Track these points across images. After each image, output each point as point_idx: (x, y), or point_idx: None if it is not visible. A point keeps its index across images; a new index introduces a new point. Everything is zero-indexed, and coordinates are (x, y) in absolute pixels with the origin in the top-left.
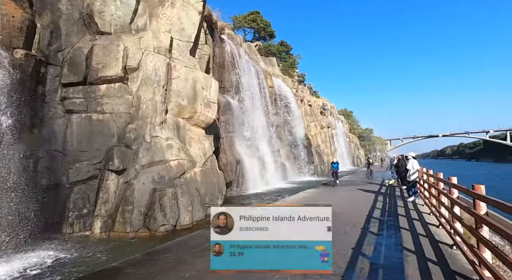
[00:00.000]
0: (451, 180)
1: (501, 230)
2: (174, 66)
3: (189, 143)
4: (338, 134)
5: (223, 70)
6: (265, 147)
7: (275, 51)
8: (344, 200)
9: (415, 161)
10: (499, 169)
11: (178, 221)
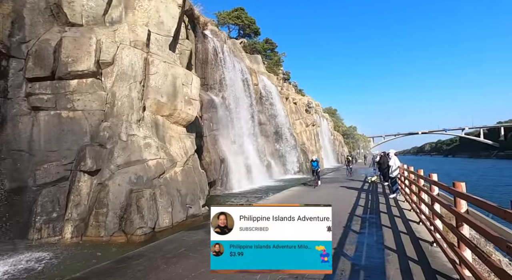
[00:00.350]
0: (432, 177)
1: (481, 229)
2: (152, 61)
3: (169, 142)
4: (323, 132)
5: (206, 66)
6: (250, 145)
7: (260, 49)
8: (327, 198)
9: (396, 157)
10: (474, 165)
11: (157, 223)
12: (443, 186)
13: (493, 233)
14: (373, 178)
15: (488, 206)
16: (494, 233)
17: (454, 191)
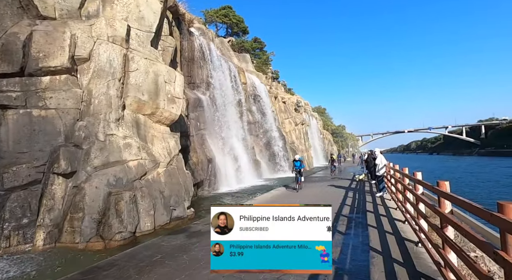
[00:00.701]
0: (416, 175)
1: (466, 231)
2: (132, 57)
3: (151, 142)
4: (312, 131)
5: (193, 65)
6: (239, 144)
7: (249, 48)
8: (314, 197)
9: (382, 156)
10: (457, 162)
11: (138, 227)
12: (427, 186)
13: (479, 238)
14: (360, 177)
15: (473, 208)
16: (480, 237)
17: (438, 190)
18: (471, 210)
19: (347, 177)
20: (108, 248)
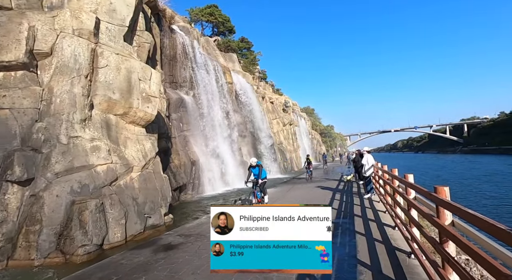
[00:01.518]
0: (407, 178)
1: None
2: (102, 52)
3: (124, 144)
4: (301, 131)
5: (175, 63)
6: (225, 146)
7: (235, 47)
8: (301, 200)
9: (369, 155)
10: (441, 160)
11: (106, 238)
12: (421, 191)
13: (491, 261)
14: (348, 177)
15: (484, 223)
16: (492, 261)
17: (436, 198)
18: (482, 226)
19: (334, 177)
20: (69, 264)
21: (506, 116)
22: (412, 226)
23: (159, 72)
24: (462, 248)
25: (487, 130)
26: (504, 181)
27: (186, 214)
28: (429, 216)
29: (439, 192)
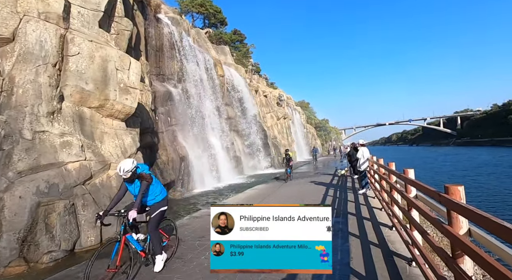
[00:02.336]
0: (407, 173)
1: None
2: (73, 39)
3: (100, 139)
4: (295, 125)
5: (162, 55)
6: (217, 140)
7: (228, 40)
8: (291, 197)
9: (365, 148)
10: (434, 153)
11: (77, 243)
12: (427, 190)
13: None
14: (342, 171)
15: None
16: None
17: (449, 201)
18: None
19: (329, 172)
20: (33, 272)
21: (499, 108)
22: (413, 229)
23: (144, 63)
24: (482, 266)
25: (480, 122)
26: (497, 172)
27: (174, 212)
28: (436, 222)
29: (452, 192)
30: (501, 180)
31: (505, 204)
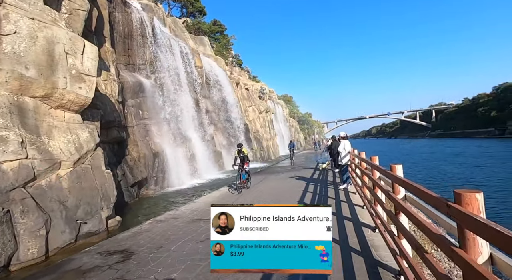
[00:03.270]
0: (395, 170)
1: None
2: (7, 15)
3: (47, 134)
4: (278, 119)
5: (131, 42)
6: (195, 135)
7: (207, 30)
8: (269, 194)
9: (346, 141)
10: (407, 144)
11: (14, 256)
12: (431, 198)
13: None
14: (323, 165)
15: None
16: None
17: (459, 212)
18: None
19: (310, 166)
20: None
21: (469, 102)
22: (401, 237)
23: (109, 50)
24: None
25: (452, 115)
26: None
27: (142, 213)
28: (443, 242)
29: (466, 202)
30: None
31: None
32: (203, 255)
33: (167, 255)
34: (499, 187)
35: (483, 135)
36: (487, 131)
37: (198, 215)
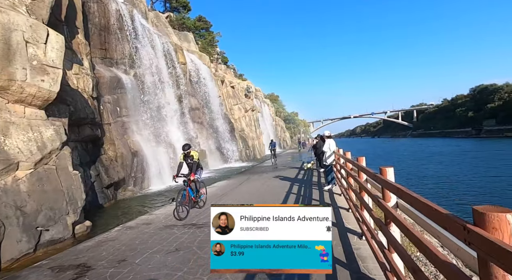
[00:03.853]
0: (385, 174)
1: None
2: None
3: (3, 132)
4: (264, 118)
5: (108, 35)
6: (178, 133)
7: (191, 26)
8: (250, 195)
9: (331, 140)
10: (392, 143)
11: None
12: (424, 206)
13: None
14: (308, 165)
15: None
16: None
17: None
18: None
19: (295, 165)
20: None
21: (448, 103)
22: (392, 251)
23: (82, 42)
24: None
25: (432, 115)
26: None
27: (117, 217)
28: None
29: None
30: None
31: None
32: (171, 270)
33: (129, 270)
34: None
35: (461, 135)
36: (465, 131)
37: (172, 220)
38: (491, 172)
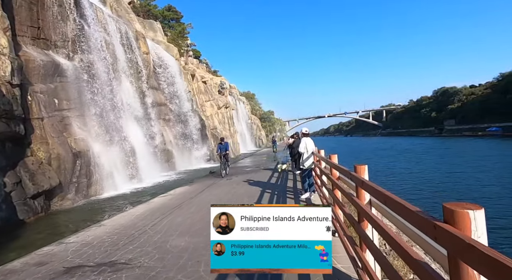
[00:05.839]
0: (360, 172)
1: None
2: None
3: None
4: (239, 116)
5: (44, 11)
6: (137, 131)
7: (159, 15)
8: (207, 211)
9: (308, 139)
10: (363, 141)
11: None
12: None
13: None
14: (283, 166)
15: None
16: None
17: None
18: None
19: (269, 166)
20: None
21: (414, 103)
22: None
23: None
24: None
25: (400, 115)
26: None
27: (37, 238)
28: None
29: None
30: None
31: None
32: None
33: None
34: None
35: (425, 134)
36: (429, 130)
37: (86, 254)
38: (456, 169)
